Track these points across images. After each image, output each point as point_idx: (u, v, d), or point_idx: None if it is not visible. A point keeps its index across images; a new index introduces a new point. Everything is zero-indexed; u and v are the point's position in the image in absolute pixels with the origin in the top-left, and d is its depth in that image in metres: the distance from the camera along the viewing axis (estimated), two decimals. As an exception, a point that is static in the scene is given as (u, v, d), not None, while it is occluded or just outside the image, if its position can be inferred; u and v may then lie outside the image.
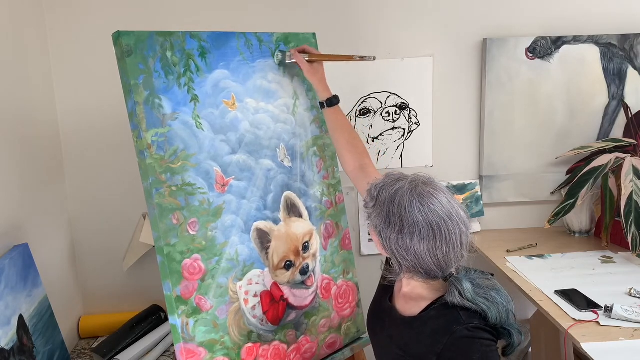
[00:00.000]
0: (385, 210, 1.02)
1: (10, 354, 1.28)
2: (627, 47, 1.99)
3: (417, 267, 1.01)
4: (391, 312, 1.15)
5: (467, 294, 1.00)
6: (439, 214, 0.98)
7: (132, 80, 1.16)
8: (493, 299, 1.00)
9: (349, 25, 1.93)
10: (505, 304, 1.00)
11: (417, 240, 0.98)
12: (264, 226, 1.37)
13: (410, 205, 0.98)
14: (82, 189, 1.91)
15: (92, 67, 1.84)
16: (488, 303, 0.99)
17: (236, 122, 1.34)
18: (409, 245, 0.99)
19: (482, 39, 1.98)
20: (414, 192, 1.00)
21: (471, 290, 1.00)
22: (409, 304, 1.11)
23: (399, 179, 1.04)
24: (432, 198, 0.99)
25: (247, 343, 1.30)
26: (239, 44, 1.38)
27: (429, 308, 1.05)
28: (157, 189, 1.17)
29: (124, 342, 1.72)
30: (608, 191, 1.84)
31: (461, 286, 1.00)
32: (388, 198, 1.02)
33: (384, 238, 1.03)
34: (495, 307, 0.99)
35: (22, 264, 1.42)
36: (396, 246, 1.01)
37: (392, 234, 1.00)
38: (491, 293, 1.01)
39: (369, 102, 1.99)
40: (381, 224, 1.02)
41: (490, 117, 2.01)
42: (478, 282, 1.03)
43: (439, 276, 1.03)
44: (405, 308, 1.12)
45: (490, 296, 1.00)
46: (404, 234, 0.99)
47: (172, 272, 1.18)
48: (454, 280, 1.02)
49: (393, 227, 1.00)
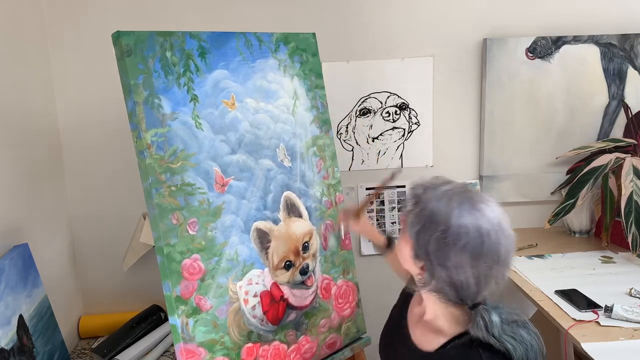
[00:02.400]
0: (429, 208, 0.91)
1: (10, 354, 1.28)
2: (627, 47, 1.98)
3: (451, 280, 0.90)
4: (406, 341, 1.05)
5: (494, 330, 0.89)
6: (491, 221, 0.89)
7: (132, 80, 1.16)
8: (521, 338, 0.89)
9: (349, 25, 1.93)
10: (535, 345, 0.90)
11: (460, 246, 0.87)
12: (263, 226, 1.36)
13: (461, 206, 0.89)
14: (82, 189, 1.92)
15: (92, 67, 1.84)
16: (515, 342, 0.89)
17: (236, 122, 1.34)
18: (450, 251, 0.88)
19: (482, 39, 1.98)
20: (466, 195, 0.91)
21: (499, 325, 0.89)
22: (426, 335, 1.01)
23: (448, 181, 0.96)
24: (485, 204, 0.91)
25: (247, 343, 1.30)
26: (239, 44, 1.38)
27: (447, 344, 0.95)
28: (157, 189, 1.17)
29: (124, 342, 1.72)
30: (608, 191, 1.84)
31: (489, 318, 0.90)
32: (435, 197, 0.92)
33: (420, 241, 0.91)
34: (522, 347, 0.89)
35: (22, 264, 1.42)
36: (435, 250, 0.90)
37: (433, 235, 0.89)
38: (520, 332, 0.90)
39: (369, 102, 1.99)
40: (420, 223, 0.92)
41: (490, 117, 2.01)
42: (506, 317, 0.92)
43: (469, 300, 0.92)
44: (421, 339, 1.02)
45: (518, 335, 0.90)
46: (447, 237, 0.88)
47: (172, 272, 1.18)
48: (482, 310, 0.91)
49: (434, 229, 0.89)
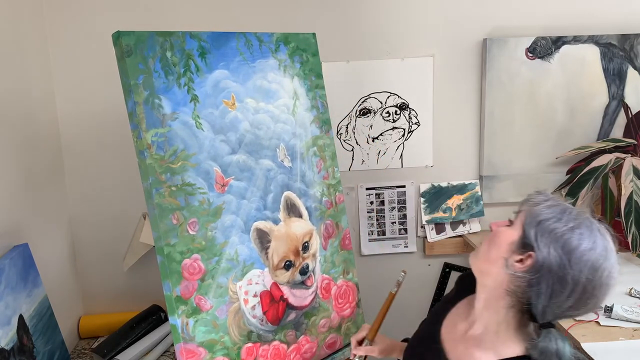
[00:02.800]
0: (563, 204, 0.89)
1: (11, 354, 1.28)
2: (627, 47, 1.98)
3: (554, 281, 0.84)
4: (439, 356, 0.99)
5: (564, 356, 0.85)
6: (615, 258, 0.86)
7: (132, 80, 1.16)
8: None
9: (349, 25, 1.93)
10: None
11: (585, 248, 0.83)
12: (263, 226, 1.36)
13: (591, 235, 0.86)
14: (82, 189, 1.91)
15: (92, 67, 1.84)
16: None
17: (236, 122, 1.34)
18: (574, 248, 0.84)
19: (482, 39, 1.98)
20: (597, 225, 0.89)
21: (569, 355, 0.86)
22: (471, 353, 0.94)
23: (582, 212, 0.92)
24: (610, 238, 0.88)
25: (247, 343, 1.30)
26: (239, 44, 1.38)
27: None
28: (157, 189, 1.17)
29: (124, 342, 1.72)
30: (608, 191, 1.84)
31: (563, 346, 0.86)
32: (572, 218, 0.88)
33: (540, 227, 0.87)
34: None
35: (22, 264, 1.42)
36: (555, 241, 0.85)
37: (559, 226, 0.86)
38: None
39: (369, 102, 1.99)
40: (547, 212, 0.88)
41: (490, 117, 2.01)
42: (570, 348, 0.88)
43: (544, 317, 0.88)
44: (463, 357, 0.95)
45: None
46: (572, 233, 0.85)
47: (172, 272, 1.18)
48: (556, 333, 0.87)
49: (567, 223, 0.86)
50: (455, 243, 2.09)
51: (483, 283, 0.96)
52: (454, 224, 2.09)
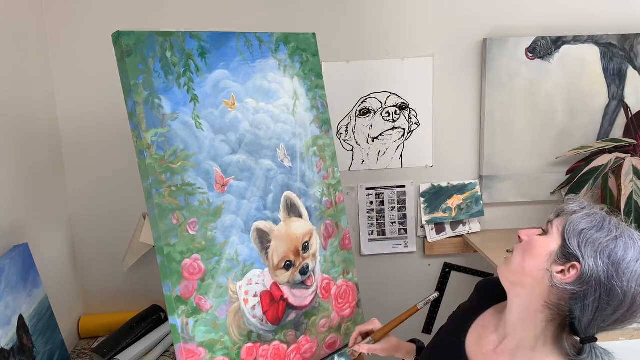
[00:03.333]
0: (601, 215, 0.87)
1: (10, 354, 1.28)
2: (627, 47, 1.98)
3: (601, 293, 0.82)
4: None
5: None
6: None
7: (132, 80, 1.16)
8: None
9: (349, 25, 1.93)
10: None
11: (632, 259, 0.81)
12: (263, 226, 1.37)
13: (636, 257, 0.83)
14: (82, 189, 1.91)
15: (92, 67, 1.84)
16: None
17: (236, 122, 1.34)
18: (620, 258, 0.82)
19: (482, 39, 1.98)
20: None
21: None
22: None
23: None
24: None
25: (247, 343, 1.30)
26: (239, 44, 1.38)
27: None
28: (157, 189, 1.17)
29: (124, 342, 1.72)
30: (608, 191, 1.84)
31: (608, 358, 0.84)
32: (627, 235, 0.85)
33: (583, 237, 0.84)
34: None
35: (22, 264, 1.42)
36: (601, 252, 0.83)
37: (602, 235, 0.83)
38: None
39: (369, 102, 1.99)
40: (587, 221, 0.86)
41: (490, 117, 2.01)
42: None
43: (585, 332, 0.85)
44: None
45: None
46: (617, 242, 0.82)
47: (172, 272, 1.18)
48: (600, 349, 0.84)
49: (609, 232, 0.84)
50: (455, 243, 2.10)
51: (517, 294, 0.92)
52: (453, 224, 2.09)
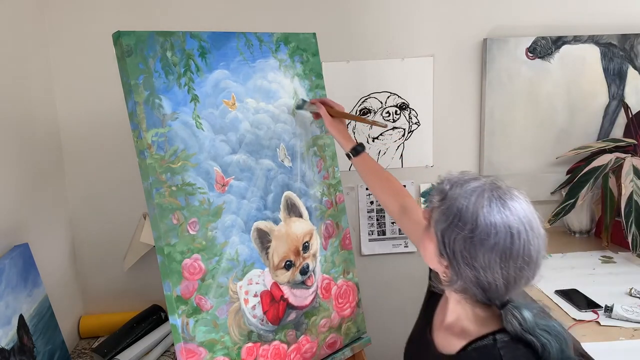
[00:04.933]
0: (456, 206, 0.88)
1: (11, 354, 1.28)
2: (627, 47, 1.99)
3: (478, 281, 0.87)
4: (429, 347, 1.02)
5: (528, 326, 0.86)
6: (521, 220, 0.85)
7: (132, 80, 1.16)
8: (556, 331, 0.87)
9: (349, 25, 1.93)
10: (568, 337, 0.88)
11: (489, 246, 0.84)
12: (264, 226, 1.36)
13: (490, 205, 0.86)
14: (82, 189, 1.91)
15: (92, 67, 1.84)
16: (550, 337, 0.86)
17: (236, 122, 1.34)
18: (478, 251, 0.85)
19: (482, 39, 1.98)
20: (495, 193, 0.88)
21: (532, 321, 0.87)
22: (449, 339, 0.98)
23: (477, 177, 0.93)
24: (515, 202, 0.87)
25: (247, 343, 1.30)
26: (239, 44, 1.38)
27: (468, 346, 0.92)
28: (157, 189, 1.17)
29: (124, 342, 1.72)
30: (608, 191, 1.84)
31: (521, 315, 0.87)
32: (462, 194, 0.88)
33: (446, 239, 0.88)
34: (557, 340, 0.86)
35: (23, 263, 1.42)
36: (461, 250, 0.86)
37: (460, 234, 0.86)
38: (552, 324, 0.88)
39: (369, 102, 1.99)
40: (447, 222, 0.88)
41: (490, 117, 2.01)
42: (537, 312, 0.89)
43: (496, 299, 0.89)
44: (444, 343, 0.99)
45: (550, 328, 0.87)
46: (474, 236, 0.85)
47: (172, 272, 1.18)
48: (512, 308, 0.88)
49: (462, 227, 0.86)
50: (456, 243, 2.09)
51: None
52: (454, 224, 2.09)
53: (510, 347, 0.88)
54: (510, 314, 0.88)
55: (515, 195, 0.89)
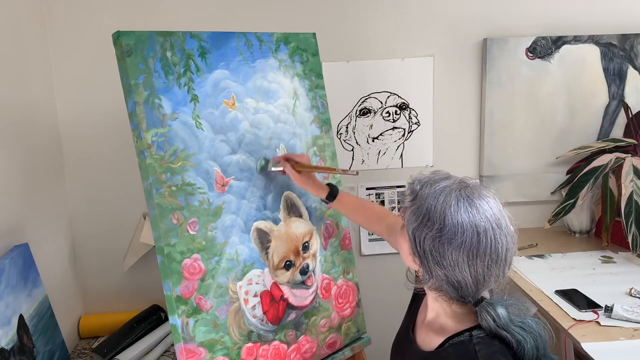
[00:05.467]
0: (425, 206, 0.89)
1: (11, 354, 1.28)
2: (627, 47, 1.98)
3: (448, 279, 0.89)
4: (411, 345, 1.04)
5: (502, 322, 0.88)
6: (488, 219, 0.87)
7: (132, 80, 1.16)
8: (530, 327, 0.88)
9: (349, 25, 1.93)
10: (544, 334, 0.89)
11: (456, 245, 0.86)
12: (264, 226, 1.36)
13: (457, 204, 0.87)
14: (82, 189, 1.91)
15: (92, 67, 1.84)
16: (525, 333, 0.87)
17: (236, 122, 1.34)
18: (446, 249, 0.87)
19: (482, 39, 1.98)
20: (463, 192, 0.89)
21: (506, 317, 0.88)
22: (429, 335, 1.00)
23: (447, 177, 0.94)
24: (482, 201, 0.88)
25: (247, 343, 1.30)
26: (239, 43, 1.38)
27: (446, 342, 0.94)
28: (157, 189, 1.17)
29: (124, 342, 1.72)
30: (608, 191, 1.84)
31: (495, 312, 0.88)
32: (432, 194, 0.90)
33: (417, 239, 0.90)
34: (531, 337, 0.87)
35: (23, 263, 1.42)
36: (431, 248, 0.88)
37: (429, 233, 0.88)
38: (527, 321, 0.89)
39: (369, 102, 1.99)
40: (417, 221, 0.90)
41: (490, 117, 2.01)
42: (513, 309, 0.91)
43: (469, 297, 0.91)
44: (425, 341, 1.01)
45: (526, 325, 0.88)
46: (442, 235, 0.87)
47: (172, 272, 1.18)
48: (486, 305, 0.90)
49: (431, 226, 0.88)
50: (455, 243, 2.09)
51: None
52: (454, 224, 2.09)
53: (486, 342, 0.89)
54: (484, 310, 0.90)
55: (483, 194, 0.90)
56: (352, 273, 1.59)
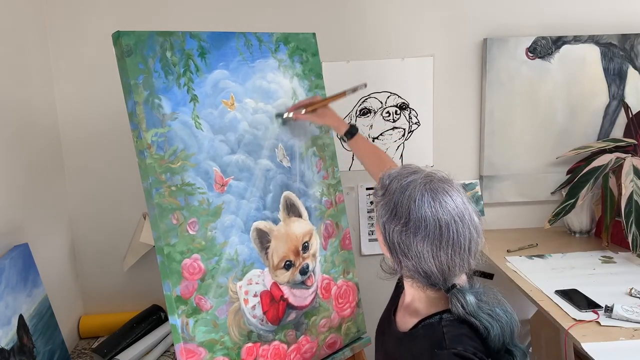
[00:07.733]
0: (393, 200, 0.95)
1: (11, 354, 1.28)
2: (627, 47, 1.98)
3: (416, 269, 0.95)
4: (391, 326, 1.10)
5: (470, 309, 0.93)
6: (450, 213, 0.91)
7: (132, 80, 1.16)
8: (497, 316, 0.93)
9: (348, 25, 1.93)
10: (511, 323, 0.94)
11: (420, 238, 0.91)
12: (263, 226, 1.36)
13: (421, 199, 0.92)
14: (82, 189, 1.92)
15: (92, 67, 1.84)
16: (492, 320, 0.92)
17: (235, 122, 1.34)
18: (411, 241, 0.92)
19: (483, 39, 1.98)
20: (428, 186, 0.93)
21: (474, 304, 0.93)
22: (405, 317, 1.06)
23: (415, 171, 0.98)
24: (446, 195, 0.93)
25: (247, 343, 1.30)
26: (239, 44, 1.38)
27: (419, 324, 1.00)
28: (157, 189, 1.17)
29: (124, 342, 1.72)
30: (608, 191, 1.84)
31: (464, 299, 0.93)
32: (399, 189, 0.95)
33: (387, 231, 0.96)
34: (499, 325, 0.92)
35: (22, 264, 1.42)
36: (398, 241, 0.94)
37: (396, 226, 0.94)
38: (496, 310, 0.94)
39: (369, 102, 1.99)
40: (386, 214, 0.96)
41: (490, 117, 2.01)
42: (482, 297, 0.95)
43: (440, 284, 0.96)
44: (402, 322, 1.07)
45: (494, 313, 0.93)
46: (408, 228, 0.92)
47: (172, 272, 1.18)
48: (457, 292, 0.95)
49: (398, 220, 0.94)
50: (456, 243, 2.09)
51: None
52: (454, 224, 2.09)
53: (454, 325, 0.95)
54: (455, 297, 0.95)
55: (447, 189, 0.94)
56: (352, 273, 1.59)
